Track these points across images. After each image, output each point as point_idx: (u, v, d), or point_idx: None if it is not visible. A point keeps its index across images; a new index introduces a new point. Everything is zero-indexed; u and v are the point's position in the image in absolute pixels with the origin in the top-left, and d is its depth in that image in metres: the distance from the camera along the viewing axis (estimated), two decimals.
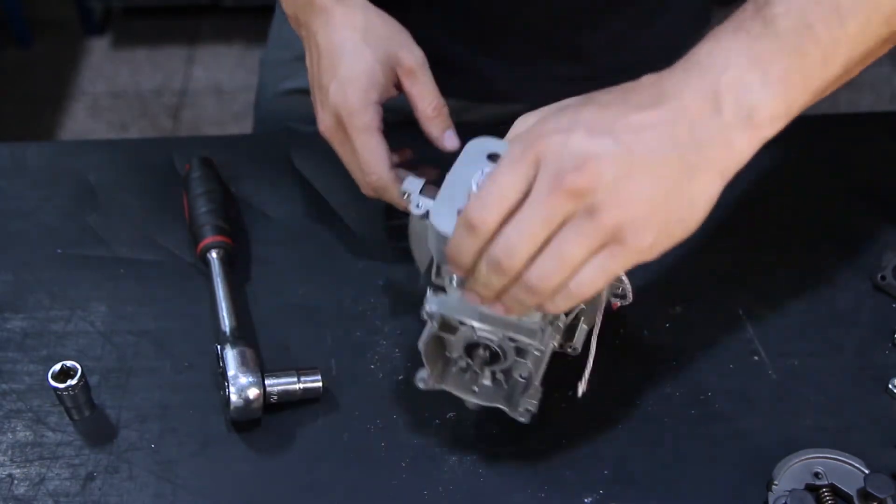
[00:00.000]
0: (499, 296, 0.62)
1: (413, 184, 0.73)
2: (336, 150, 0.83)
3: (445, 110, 0.83)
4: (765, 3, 0.62)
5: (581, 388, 0.74)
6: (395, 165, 0.81)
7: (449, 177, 0.66)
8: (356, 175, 0.83)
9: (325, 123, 0.82)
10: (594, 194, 0.56)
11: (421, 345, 0.71)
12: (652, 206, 0.58)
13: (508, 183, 0.58)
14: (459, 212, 0.62)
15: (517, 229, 0.58)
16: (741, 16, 0.63)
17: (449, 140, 0.82)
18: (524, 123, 0.67)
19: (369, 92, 0.80)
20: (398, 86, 0.83)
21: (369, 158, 0.79)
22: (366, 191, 0.83)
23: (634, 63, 1.04)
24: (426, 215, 0.68)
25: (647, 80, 0.62)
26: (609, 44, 1.00)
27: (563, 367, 0.82)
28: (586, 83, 1.04)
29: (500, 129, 0.70)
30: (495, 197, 0.58)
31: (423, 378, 0.73)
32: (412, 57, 0.82)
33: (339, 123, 0.80)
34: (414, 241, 0.77)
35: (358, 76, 0.80)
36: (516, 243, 0.58)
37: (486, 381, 0.74)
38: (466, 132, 0.75)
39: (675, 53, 1.16)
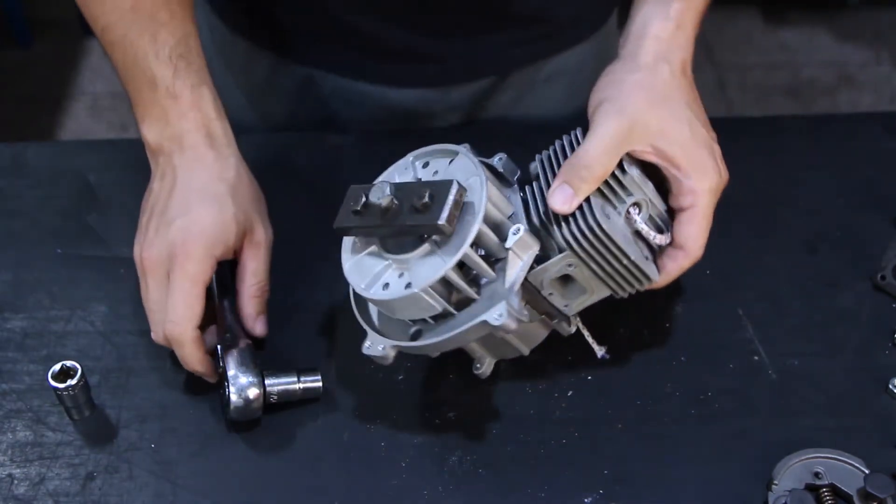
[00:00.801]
0: None
1: None
2: (144, 281, 0.78)
3: (266, 295, 0.82)
4: None
5: (598, 351, 0.81)
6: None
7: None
8: (154, 315, 0.78)
9: (151, 252, 0.77)
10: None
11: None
12: None
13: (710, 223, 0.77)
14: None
15: (705, 238, 0.77)
16: None
17: (259, 326, 0.81)
18: (620, 126, 0.75)
19: (215, 247, 0.77)
20: (236, 251, 0.81)
21: (181, 308, 0.76)
22: (155, 335, 0.79)
23: (586, 14, 1.04)
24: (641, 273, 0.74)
25: (663, 68, 0.78)
26: None
27: (562, 367, 0.82)
28: (544, 41, 1.04)
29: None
30: (706, 234, 0.76)
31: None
32: (264, 232, 0.82)
33: (170, 260, 0.76)
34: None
35: (211, 227, 0.77)
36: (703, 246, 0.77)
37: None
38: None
39: None
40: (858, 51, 2.80)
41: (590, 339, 0.80)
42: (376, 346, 0.72)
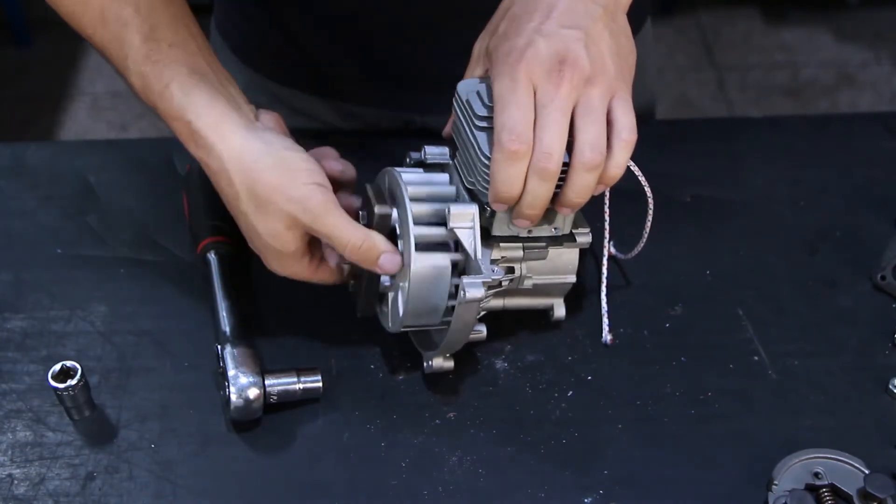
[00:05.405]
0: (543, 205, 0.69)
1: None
2: (283, 261, 0.77)
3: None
4: None
5: (606, 336, 0.83)
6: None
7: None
8: (309, 279, 0.79)
9: (280, 224, 0.74)
10: (585, 72, 0.67)
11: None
12: (614, 57, 0.69)
13: (523, 104, 0.66)
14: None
15: (548, 133, 0.66)
16: None
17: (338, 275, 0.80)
18: (480, 46, 0.75)
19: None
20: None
21: (349, 229, 0.73)
22: (339, 276, 0.79)
23: None
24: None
25: None
26: None
27: (562, 367, 0.82)
28: None
29: None
30: (520, 121, 0.66)
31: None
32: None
33: (306, 216, 0.73)
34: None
35: (304, 161, 0.74)
36: (552, 143, 0.66)
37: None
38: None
39: None
40: (858, 51, 2.80)
41: (605, 319, 0.83)
42: (428, 361, 0.78)
